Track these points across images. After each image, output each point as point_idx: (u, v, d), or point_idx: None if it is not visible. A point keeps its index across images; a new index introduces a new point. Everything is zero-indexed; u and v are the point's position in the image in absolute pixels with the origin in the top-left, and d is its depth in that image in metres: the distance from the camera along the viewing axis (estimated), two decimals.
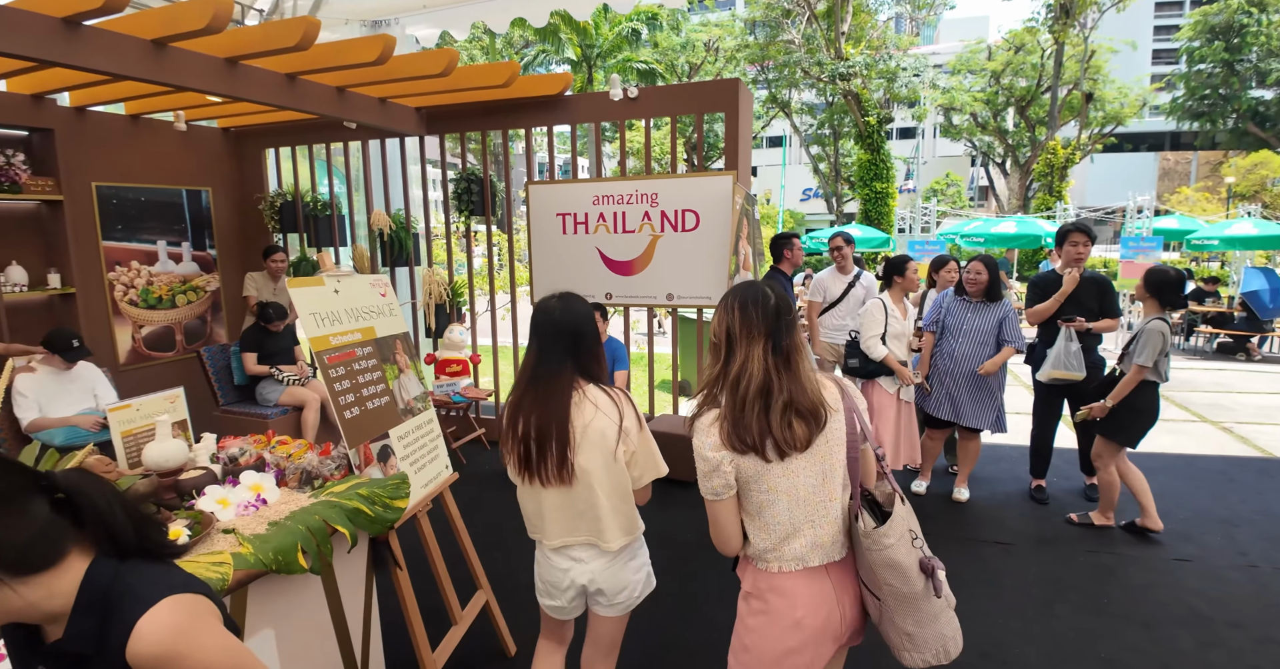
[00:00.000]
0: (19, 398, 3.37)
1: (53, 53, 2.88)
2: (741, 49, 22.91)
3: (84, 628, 0.86)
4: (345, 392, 2.07)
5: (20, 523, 0.82)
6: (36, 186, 4.26)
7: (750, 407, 1.43)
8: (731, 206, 4.32)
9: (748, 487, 1.49)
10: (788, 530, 1.48)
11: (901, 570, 1.41)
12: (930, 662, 1.50)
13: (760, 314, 1.47)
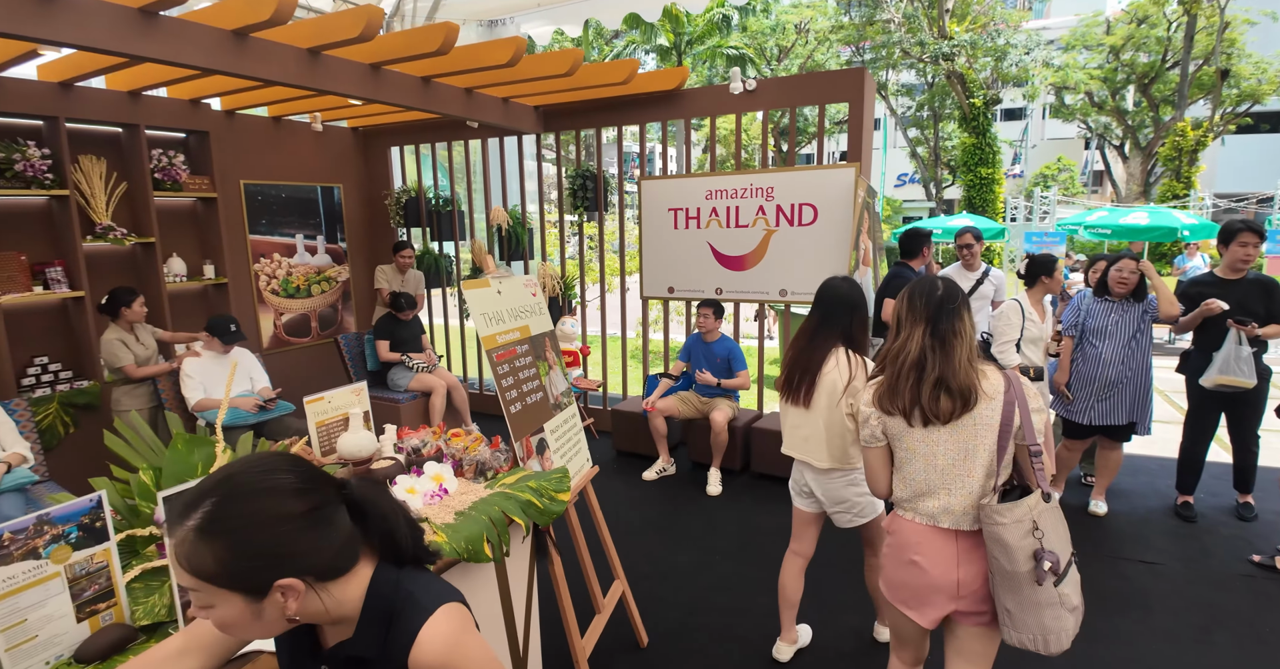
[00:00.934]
0: (186, 379, 3.72)
1: (224, 63, 3.13)
2: (836, 30, 22.15)
3: (371, 633, 0.90)
4: (510, 387, 2.17)
5: (332, 533, 0.87)
6: (194, 185, 4.65)
7: (904, 378, 1.70)
8: (854, 200, 4.21)
9: (893, 443, 1.78)
10: (921, 489, 1.73)
11: (1006, 549, 1.57)
12: (1026, 644, 1.63)
13: (923, 303, 1.72)
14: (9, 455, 2.99)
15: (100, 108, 4.12)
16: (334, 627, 0.94)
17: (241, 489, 0.83)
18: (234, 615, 0.83)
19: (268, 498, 0.83)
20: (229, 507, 0.81)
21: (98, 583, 1.24)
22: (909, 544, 1.74)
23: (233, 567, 0.80)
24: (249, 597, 0.82)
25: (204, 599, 0.82)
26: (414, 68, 3.93)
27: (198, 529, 0.80)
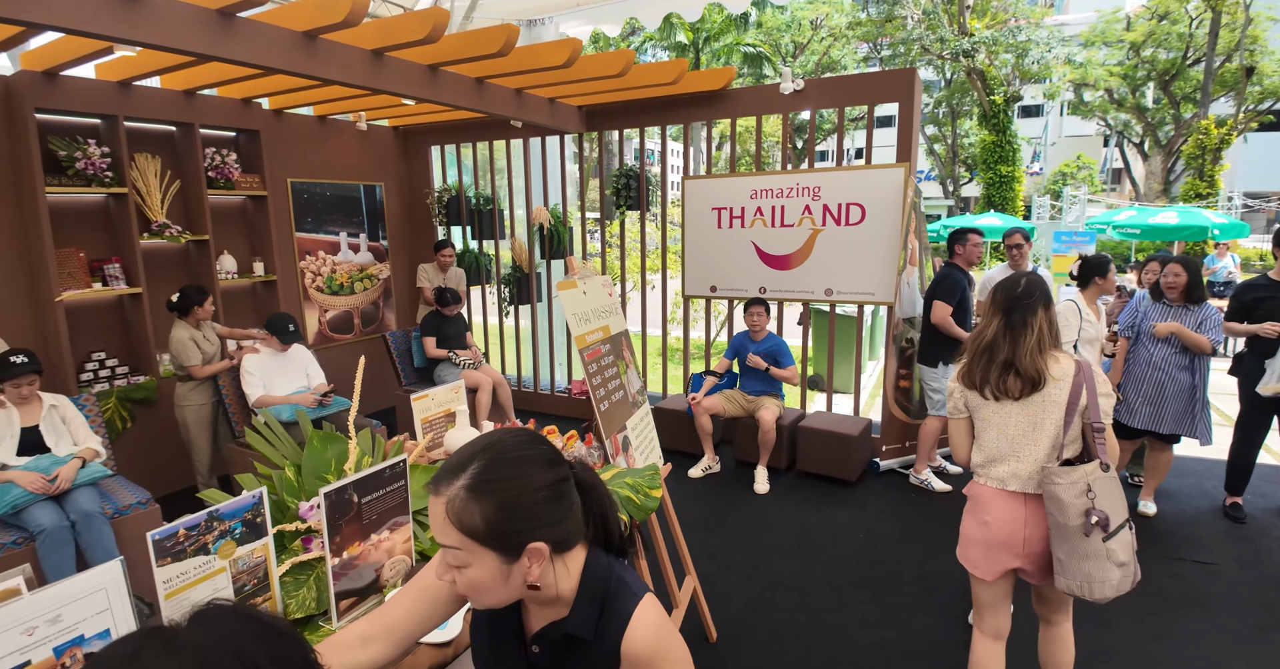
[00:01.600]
0: (247, 376, 3.77)
1: (294, 64, 3.17)
2: (854, 26, 22.06)
3: (587, 613, 0.94)
4: (598, 386, 2.20)
5: (568, 506, 0.92)
6: (246, 183, 4.71)
7: (979, 359, 1.99)
8: (903, 199, 4.23)
9: (973, 415, 2.06)
10: (994, 455, 1.98)
11: (1060, 505, 1.81)
12: (1073, 590, 1.85)
13: (1003, 296, 1.99)
14: (83, 450, 3.06)
15: (157, 107, 4.18)
16: (543, 608, 0.98)
17: (506, 455, 0.88)
18: (486, 576, 0.87)
19: (529, 464, 0.88)
20: (496, 469, 0.87)
21: (256, 577, 1.28)
22: (982, 506, 2.00)
23: (497, 525, 0.85)
24: (504, 557, 0.87)
25: (461, 559, 0.87)
26: (469, 68, 3.97)
27: (468, 488, 0.85)
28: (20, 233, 3.81)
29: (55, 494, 2.86)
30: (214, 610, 0.61)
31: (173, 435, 4.27)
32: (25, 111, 3.63)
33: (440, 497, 0.86)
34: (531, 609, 1.01)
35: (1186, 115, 21.01)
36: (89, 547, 2.84)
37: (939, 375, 4.17)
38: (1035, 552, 1.94)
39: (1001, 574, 1.99)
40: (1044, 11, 19.91)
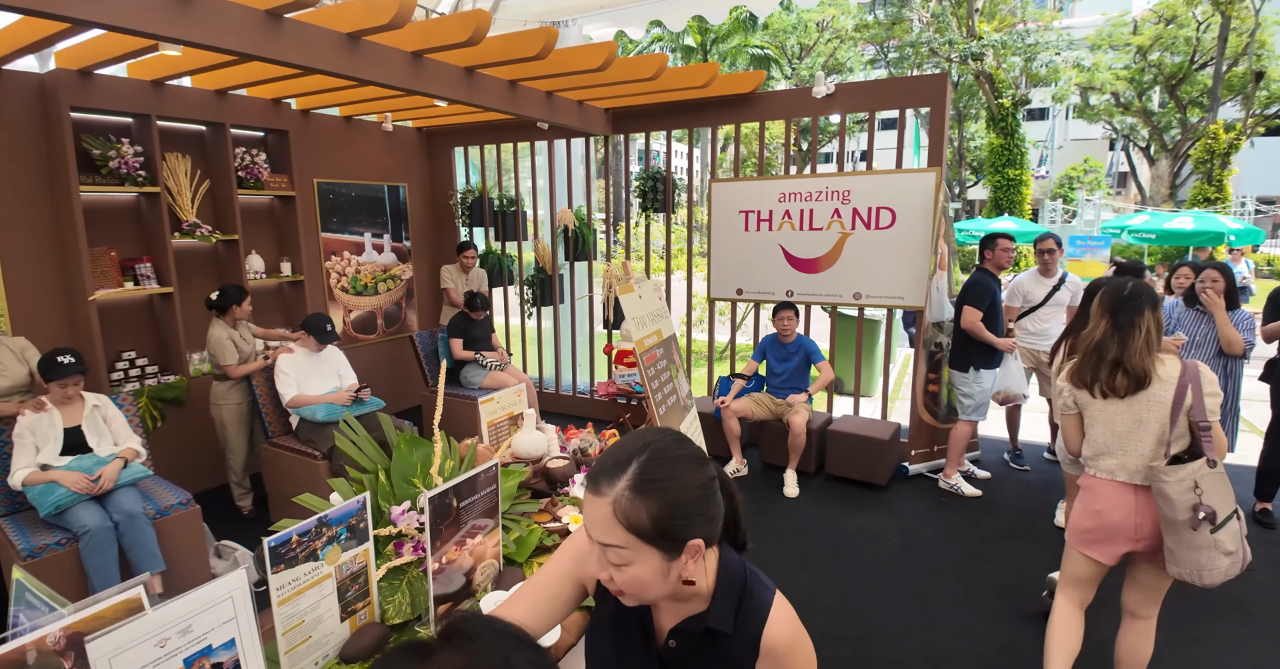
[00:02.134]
0: (282, 375, 3.76)
1: (340, 65, 3.16)
2: (860, 28, 22.07)
3: (726, 607, 0.96)
4: (655, 390, 2.20)
5: (718, 504, 0.93)
6: (275, 183, 4.70)
7: (1088, 358, 2.11)
8: (934, 204, 4.23)
9: (1082, 412, 2.18)
10: (1101, 450, 2.12)
11: (1169, 501, 1.91)
12: (1183, 576, 1.96)
13: (1110, 299, 2.09)
14: (124, 450, 3.05)
15: (189, 106, 4.18)
16: (677, 603, 0.99)
17: (664, 454, 0.89)
18: (648, 573, 0.88)
19: (685, 463, 0.89)
20: (658, 468, 0.87)
21: (357, 583, 1.28)
22: (1094, 496, 2.14)
23: (662, 523, 0.86)
24: (666, 554, 0.88)
25: (625, 557, 0.87)
26: (503, 71, 3.97)
27: (633, 487, 0.86)
28: (54, 231, 3.80)
29: (98, 495, 2.86)
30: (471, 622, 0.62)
31: (202, 435, 4.27)
32: (61, 110, 3.63)
33: (604, 497, 0.87)
34: (662, 606, 1.02)
35: (1193, 119, 21.03)
36: (132, 547, 2.84)
37: (970, 380, 4.16)
38: (1146, 536, 2.06)
39: (1119, 558, 2.13)
40: (1053, 14, 19.90)
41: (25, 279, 3.71)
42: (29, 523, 2.86)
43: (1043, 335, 4.45)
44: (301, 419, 3.77)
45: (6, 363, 3.13)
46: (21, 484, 2.80)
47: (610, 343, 5.26)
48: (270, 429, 3.86)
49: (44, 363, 2.88)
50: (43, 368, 2.88)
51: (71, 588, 2.73)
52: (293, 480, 3.69)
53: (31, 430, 2.88)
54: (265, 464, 3.87)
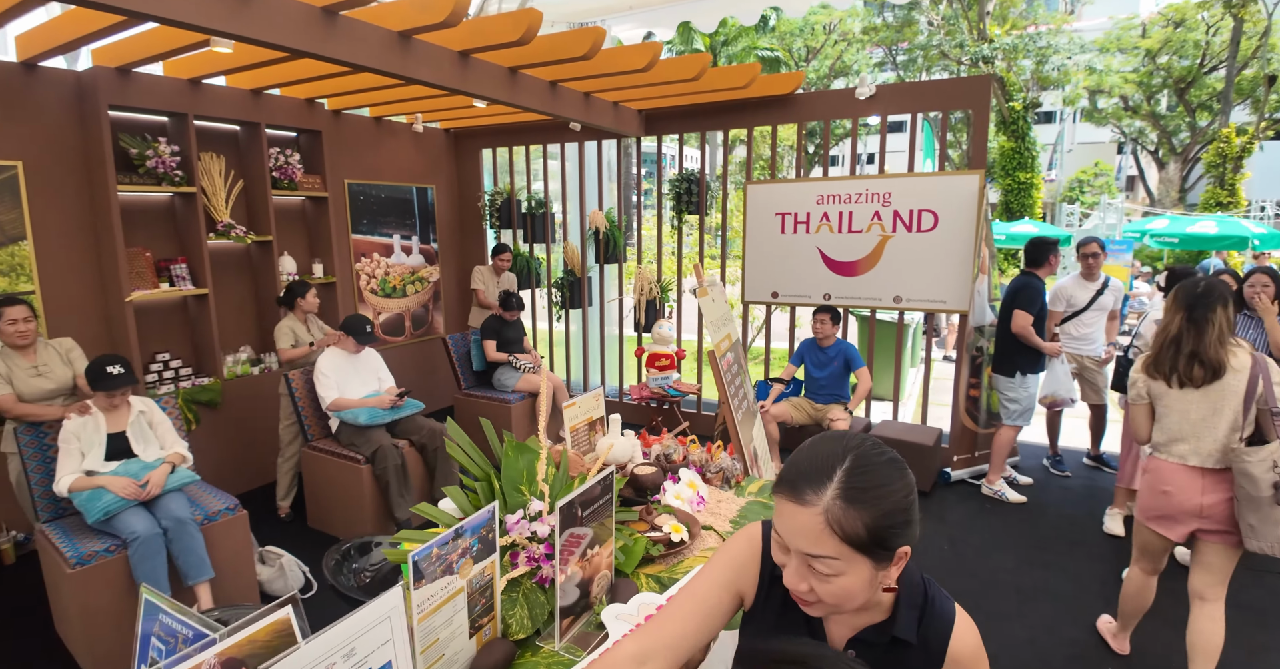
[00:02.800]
0: (322, 377, 3.70)
1: (390, 64, 3.12)
2: (868, 31, 22.03)
3: (909, 616, 0.94)
4: (732, 396, 2.14)
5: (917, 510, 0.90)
6: (308, 184, 4.65)
7: (1165, 350, 2.27)
8: (977, 207, 4.18)
9: (1154, 402, 2.35)
10: (1175, 436, 2.29)
11: (1253, 480, 2.06)
12: (1264, 550, 2.10)
13: (1185, 296, 2.24)
14: (171, 455, 2.99)
15: (225, 105, 4.13)
16: (854, 614, 0.96)
17: (868, 460, 0.86)
18: (858, 583, 0.85)
19: (890, 468, 0.86)
20: (868, 476, 0.84)
21: (484, 597, 1.23)
22: (1162, 478, 2.30)
23: (878, 532, 0.83)
24: (877, 563, 0.85)
25: (836, 567, 0.84)
26: (544, 72, 3.93)
27: (844, 497, 0.82)
28: (90, 231, 3.75)
29: (145, 500, 2.80)
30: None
31: (237, 438, 4.22)
32: (99, 108, 3.58)
33: (811, 507, 0.83)
34: (834, 616, 0.99)
35: (1202, 123, 21.00)
36: (181, 554, 2.78)
37: (1016, 385, 4.11)
38: (1213, 516, 2.20)
39: (1185, 536, 2.28)
40: (1064, 18, 19.88)
41: (61, 279, 3.66)
42: (75, 530, 2.81)
43: (1085, 340, 4.40)
44: (342, 423, 3.72)
45: (52, 365, 3.07)
46: (68, 490, 2.74)
47: (641, 346, 5.20)
48: (309, 432, 3.80)
49: (93, 372, 2.81)
50: (91, 377, 2.81)
51: (120, 596, 2.67)
52: (335, 485, 3.64)
53: (77, 436, 2.82)
54: (304, 468, 3.81)
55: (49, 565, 2.77)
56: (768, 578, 1.04)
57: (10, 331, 2.93)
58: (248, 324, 4.55)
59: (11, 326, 2.93)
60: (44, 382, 3.02)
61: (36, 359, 3.05)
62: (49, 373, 3.05)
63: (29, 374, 3.00)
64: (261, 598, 3.12)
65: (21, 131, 3.48)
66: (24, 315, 2.97)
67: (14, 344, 2.98)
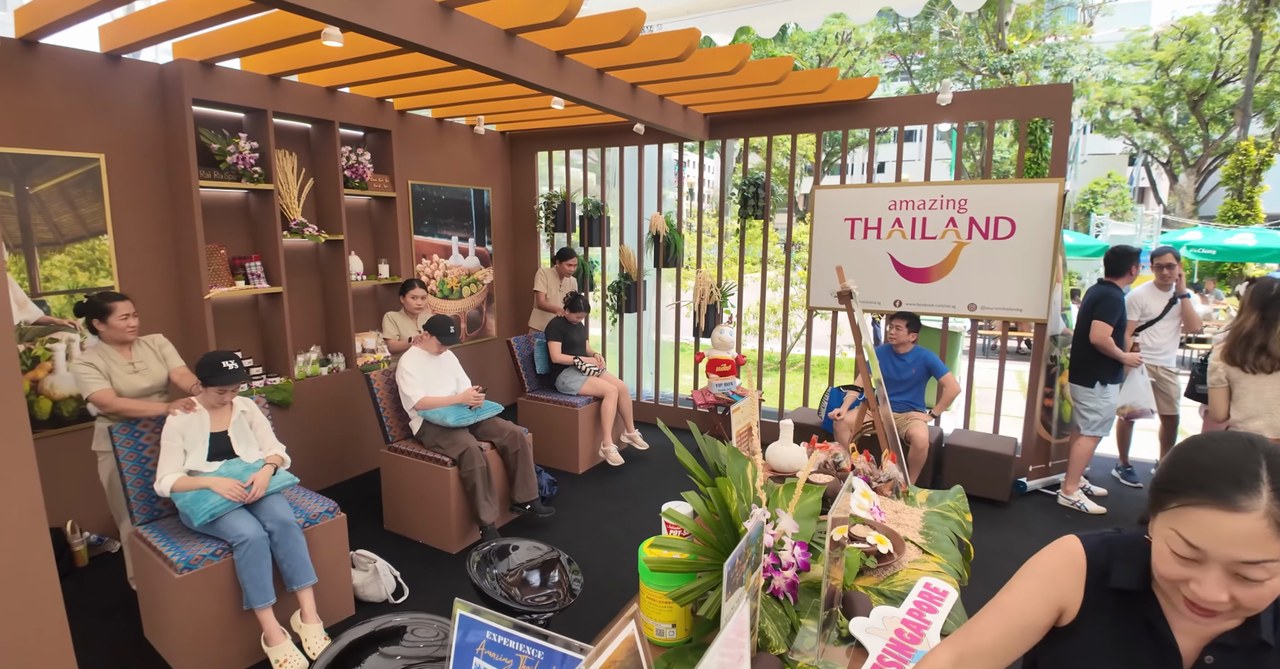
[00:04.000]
0: (407, 376, 3.64)
1: (497, 62, 3.08)
2: (882, 41, 22.10)
3: (1271, 618, 0.91)
4: (882, 402, 2.09)
5: None
6: (377, 183, 4.61)
7: (1239, 343, 2.82)
8: (1056, 215, 4.15)
9: (1232, 385, 2.88)
10: (1251, 413, 2.81)
11: None
12: None
13: (1259, 297, 2.79)
14: (271, 457, 2.93)
15: (301, 102, 4.09)
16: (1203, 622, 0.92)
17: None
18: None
19: None
20: None
21: (754, 607, 1.17)
22: None
23: None
24: None
25: (1274, 570, 0.80)
26: (629, 74, 3.89)
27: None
28: (169, 227, 3.70)
29: (249, 502, 2.74)
30: None
31: (308, 438, 4.16)
32: (183, 102, 3.53)
33: (1249, 511, 0.80)
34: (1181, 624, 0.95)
35: (1215, 136, 21.08)
36: (285, 558, 2.71)
37: (1096, 395, 4.07)
38: None
39: None
40: (1083, 29, 19.96)
41: (140, 275, 3.60)
42: (174, 532, 2.74)
43: (1158, 350, 4.36)
44: (426, 423, 3.66)
45: (147, 362, 3.01)
46: (170, 490, 2.68)
47: (700, 351, 5.15)
48: (390, 433, 3.74)
49: (207, 366, 2.76)
50: (205, 372, 2.76)
51: (226, 602, 2.61)
52: (419, 487, 3.58)
53: (181, 433, 2.76)
54: (383, 469, 3.75)
55: (147, 570, 2.70)
56: (1095, 591, 1.01)
57: (122, 326, 2.88)
58: (315, 324, 4.49)
59: (123, 321, 2.88)
60: (140, 379, 2.96)
61: (133, 356, 2.99)
62: (145, 370, 2.99)
63: (126, 370, 2.94)
64: (355, 603, 3.05)
65: (104, 124, 3.43)
66: (133, 310, 2.92)
67: (124, 339, 2.93)
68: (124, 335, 2.91)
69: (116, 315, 2.86)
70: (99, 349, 2.92)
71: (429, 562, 3.47)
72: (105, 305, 2.85)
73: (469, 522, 3.61)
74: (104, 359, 2.90)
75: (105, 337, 2.91)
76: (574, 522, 3.90)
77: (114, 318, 2.86)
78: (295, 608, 2.79)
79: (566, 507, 4.09)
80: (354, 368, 4.46)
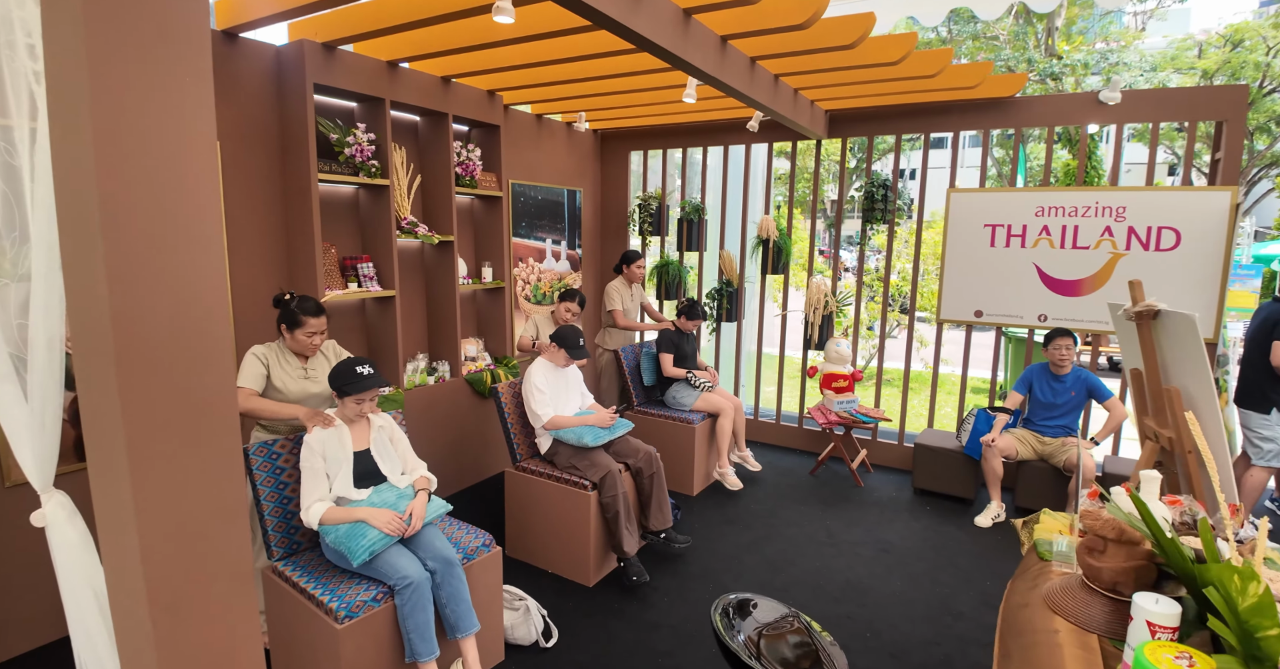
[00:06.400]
0: (536, 393, 3.32)
1: (673, 44, 2.76)
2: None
3: None
4: None
5: None
6: (486, 182, 4.30)
7: None
8: (1227, 226, 3.81)
9: None
10: None
11: None
12: None
13: None
14: (419, 480, 2.62)
15: (417, 92, 3.79)
16: None
17: None
18: None
19: None
20: None
21: None
22: None
23: None
24: None
25: None
26: (772, 64, 3.57)
27: None
28: (284, 223, 3.40)
29: (408, 537, 2.42)
30: None
31: (418, 452, 3.83)
32: (304, 87, 3.23)
33: None
34: None
35: (1260, 146, 20.60)
36: (449, 602, 2.39)
37: (1272, 423, 3.72)
38: None
39: None
40: (1136, 35, 19.53)
41: (250, 274, 3.29)
42: (320, 570, 2.42)
43: None
44: (557, 442, 3.34)
45: (320, 370, 2.77)
46: (319, 522, 2.36)
47: (813, 365, 4.82)
48: (518, 452, 3.42)
49: (341, 374, 2.45)
50: (339, 380, 2.45)
51: (386, 655, 2.29)
52: (554, 513, 3.26)
53: (322, 454, 2.45)
54: (509, 490, 3.43)
55: (293, 617, 2.37)
56: None
57: (306, 343, 2.65)
58: (419, 330, 4.18)
59: (309, 338, 2.64)
60: (311, 385, 2.71)
61: (308, 362, 2.73)
62: (315, 376, 2.73)
63: (297, 375, 2.69)
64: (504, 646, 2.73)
65: (220, 110, 3.13)
66: (324, 327, 2.69)
67: (303, 352, 2.71)
68: (304, 350, 2.70)
69: (304, 330, 2.63)
70: (276, 347, 2.70)
71: (565, 596, 3.15)
72: (300, 317, 2.62)
73: (605, 551, 3.29)
74: (276, 357, 2.67)
75: (287, 342, 2.69)
76: (708, 552, 3.57)
77: (301, 332, 2.64)
78: (455, 657, 2.47)
79: (693, 534, 3.76)
80: (459, 377, 4.15)
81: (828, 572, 3.37)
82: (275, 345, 2.70)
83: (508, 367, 4.47)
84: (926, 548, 3.65)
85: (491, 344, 4.58)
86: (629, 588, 3.17)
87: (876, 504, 4.23)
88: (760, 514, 4.04)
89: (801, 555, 3.54)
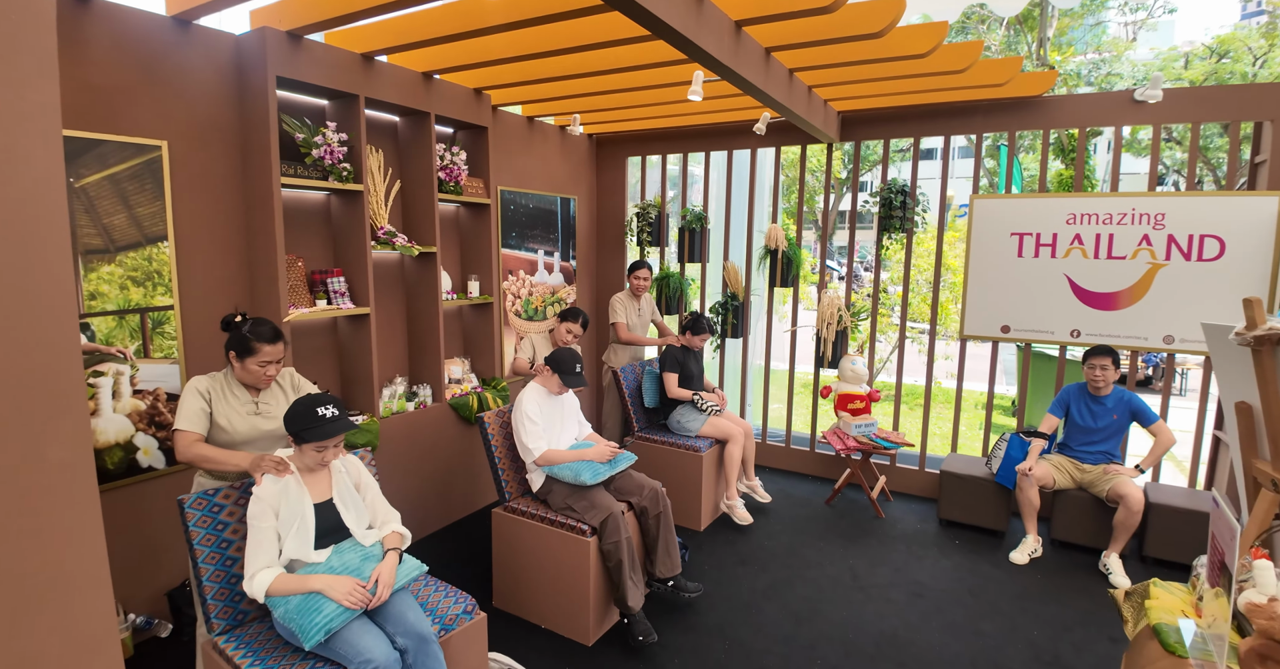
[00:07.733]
0: (528, 423, 2.93)
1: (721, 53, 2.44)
2: None
3: None
4: None
5: None
6: (472, 188, 3.94)
7: None
8: (1276, 234, 3.52)
9: None
10: None
11: None
12: None
13: None
14: (390, 536, 2.22)
15: (396, 88, 3.42)
16: None
17: None
18: None
19: None
20: None
21: None
22: None
23: None
24: None
25: None
26: (788, 57, 3.24)
27: None
28: (243, 233, 3.01)
29: (373, 608, 2.02)
30: None
31: (393, 488, 3.43)
32: (265, 80, 2.86)
33: None
34: None
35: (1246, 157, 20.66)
36: None
37: None
38: None
39: None
40: (1127, 45, 19.53)
41: (206, 292, 2.90)
42: (270, 648, 2.01)
43: None
44: (551, 480, 2.96)
45: (275, 403, 2.33)
46: (264, 594, 1.95)
47: (827, 385, 4.47)
48: (506, 490, 3.03)
49: (299, 416, 2.04)
50: (296, 423, 2.04)
51: None
52: (547, 561, 2.86)
53: (274, 509, 2.05)
54: (496, 534, 3.03)
55: None
56: None
57: (258, 374, 2.24)
58: (398, 351, 3.79)
59: (261, 369, 2.23)
60: (263, 421, 2.28)
61: (259, 394, 2.30)
62: (269, 411, 2.30)
63: (246, 410, 2.26)
64: None
65: (168, 104, 2.74)
66: (280, 356, 2.27)
67: (254, 385, 2.29)
68: (256, 382, 2.28)
69: (257, 358, 2.21)
70: (222, 377, 2.28)
71: (562, 658, 2.75)
72: (253, 344, 2.20)
73: (607, 603, 2.90)
74: (221, 389, 2.24)
75: (235, 371, 2.27)
76: (721, 600, 3.18)
77: (253, 361, 2.21)
78: None
79: (704, 578, 3.38)
80: (442, 402, 3.76)
81: (858, 622, 3.00)
82: (221, 375, 2.28)
83: (497, 389, 4.09)
84: (962, 590, 3.29)
85: (479, 364, 4.20)
86: (635, 648, 2.78)
87: (902, 538, 3.87)
88: (777, 552, 3.66)
89: (826, 602, 3.16)
